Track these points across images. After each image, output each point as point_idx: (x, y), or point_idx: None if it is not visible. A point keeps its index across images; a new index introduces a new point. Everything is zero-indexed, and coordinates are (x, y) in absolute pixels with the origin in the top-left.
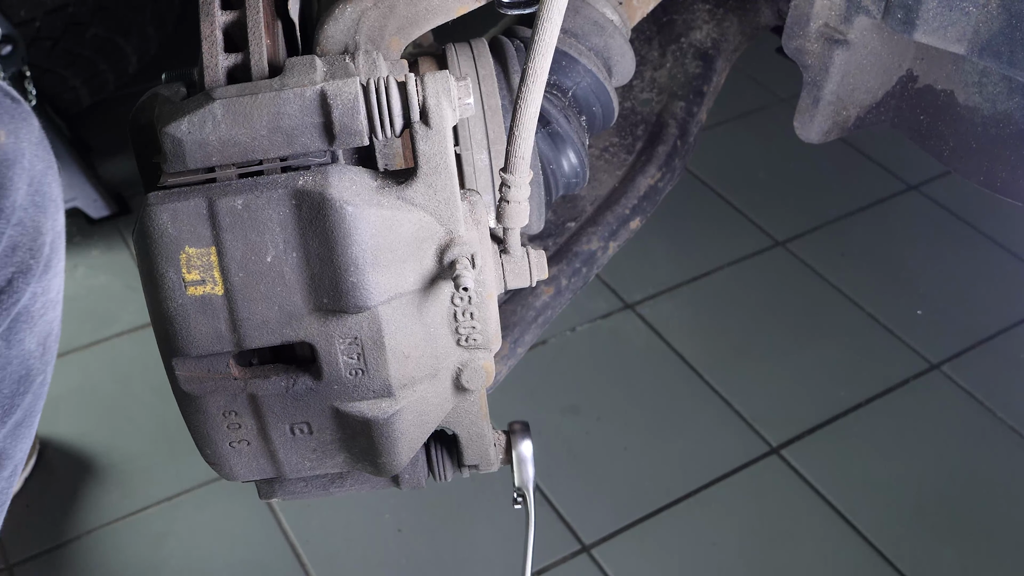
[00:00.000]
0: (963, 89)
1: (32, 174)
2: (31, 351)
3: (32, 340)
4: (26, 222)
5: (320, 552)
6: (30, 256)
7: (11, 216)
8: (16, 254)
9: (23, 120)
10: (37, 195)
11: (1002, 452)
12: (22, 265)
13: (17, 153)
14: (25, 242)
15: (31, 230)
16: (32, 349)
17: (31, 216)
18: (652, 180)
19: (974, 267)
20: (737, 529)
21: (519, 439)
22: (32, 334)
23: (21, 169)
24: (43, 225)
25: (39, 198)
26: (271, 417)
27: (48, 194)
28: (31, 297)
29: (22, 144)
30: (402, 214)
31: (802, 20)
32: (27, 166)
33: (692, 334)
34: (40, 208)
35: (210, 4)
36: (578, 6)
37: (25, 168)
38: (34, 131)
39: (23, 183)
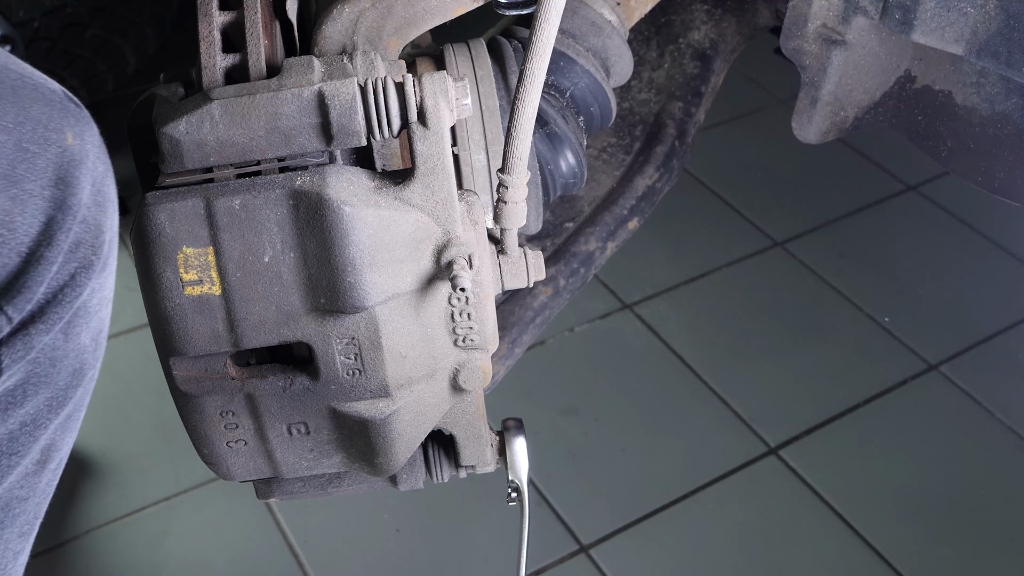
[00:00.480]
0: (961, 90)
1: (95, 175)
2: (86, 346)
3: (87, 335)
4: (89, 220)
5: (318, 552)
6: (92, 253)
7: (77, 213)
8: (79, 250)
9: (86, 124)
10: (99, 195)
11: (1000, 452)
12: (84, 261)
13: (83, 154)
14: (88, 239)
15: (93, 228)
16: (87, 344)
17: (94, 215)
18: (650, 180)
19: (972, 267)
20: (735, 529)
21: (513, 436)
22: (88, 329)
23: (86, 169)
24: (104, 224)
25: (100, 198)
26: (268, 417)
27: (108, 195)
28: (90, 293)
29: (87, 146)
30: (399, 214)
31: (800, 21)
32: (91, 167)
33: (690, 334)
34: (101, 207)
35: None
36: (576, 6)
37: (89, 169)
38: (96, 135)
39: (88, 183)
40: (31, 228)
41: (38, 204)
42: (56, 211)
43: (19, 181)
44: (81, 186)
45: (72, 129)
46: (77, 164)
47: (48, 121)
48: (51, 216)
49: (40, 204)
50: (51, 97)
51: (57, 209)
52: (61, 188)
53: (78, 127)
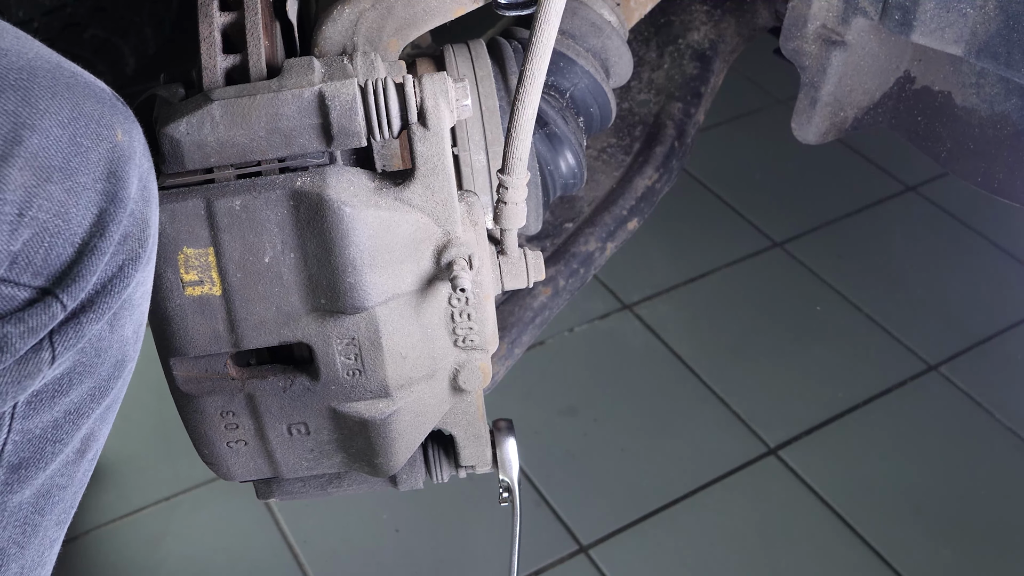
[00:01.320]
0: (960, 90)
1: (141, 170)
2: (128, 337)
3: (131, 327)
4: (137, 213)
5: (318, 552)
6: (139, 245)
7: (127, 206)
8: (128, 242)
9: (133, 122)
10: (145, 190)
11: (1000, 453)
12: (132, 253)
13: (131, 150)
14: (136, 232)
15: (140, 221)
16: (129, 336)
17: (140, 208)
18: (649, 181)
19: (972, 268)
20: (735, 530)
21: (503, 437)
22: (131, 321)
23: (134, 165)
24: (149, 218)
25: (146, 193)
26: (268, 417)
27: (152, 190)
28: (135, 285)
29: (134, 143)
30: (400, 215)
31: (799, 21)
32: (138, 163)
33: (690, 335)
34: (147, 202)
35: (208, 5)
36: (576, 7)
37: (136, 164)
38: (141, 133)
39: (135, 177)
40: (85, 219)
41: (91, 196)
42: (108, 203)
43: (73, 174)
44: (130, 180)
45: (121, 126)
46: (126, 159)
47: (100, 117)
48: (103, 208)
49: (93, 196)
50: (102, 95)
51: (109, 202)
52: (112, 182)
53: (126, 124)
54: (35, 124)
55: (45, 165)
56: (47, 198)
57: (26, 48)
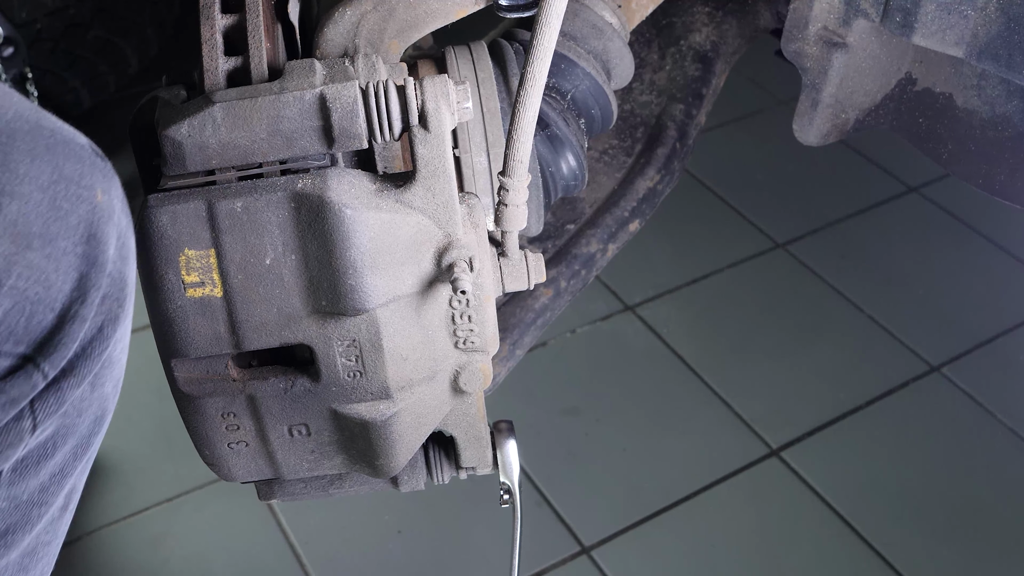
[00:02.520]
0: (962, 92)
1: (120, 228)
2: (108, 393)
3: (111, 383)
4: (115, 274)
5: (320, 553)
6: (117, 305)
7: (106, 267)
8: (106, 303)
9: (112, 178)
10: (123, 248)
11: (1002, 454)
12: (111, 314)
13: (110, 209)
14: (114, 292)
15: (119, 281)
16: (109, 392)
17: (119, 268)
18: (651, 182)
19: (974, 269)
20: (737, 531)
21: (504, 438)
22: (111, 377)
23: (113, 224)
24: (127, 276)
25: (124, 251)
26: (269, 418)
27: (130, 247)
28: (114, 343)
29: (113, 200)
30: (400, 217)
31: (801, 23)
32: (116, 221)
33: (692, 336)
34: (125, 260)
35: (210, 7)
36: (577, 9)
37: (115, 223)
38: (119, 188)
39: (114, 236)
40: (65, 285)
41: (71, 261)
42: (88, 267)
43: (54, 239)
44: (109, 241)
45: (101, 185)
46: (106, 219)
47: (80, 178)
48: (83, 272)
49: (73, 261)
50: (81, 153)
51: (89, 265)
52: (92, 244)
53: (105, 182)
54: (14, 190)
55: (25, 232)
56: (27, 266)
57: (5, 106)
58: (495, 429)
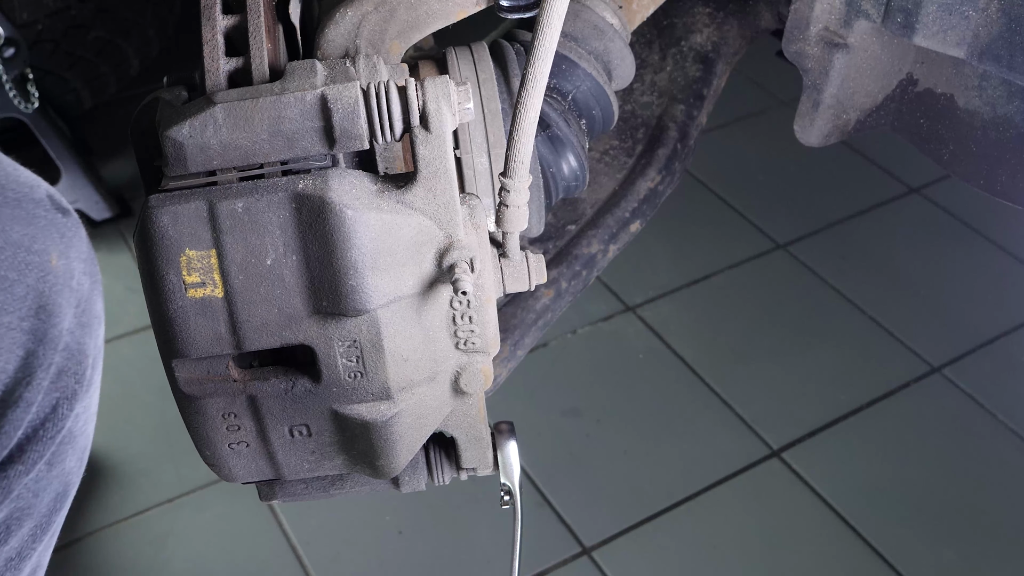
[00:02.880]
0: (963, 93)
1: (80, 294)
2: (71, 468)
3: (73, 459)
4: (72, 346)
5: (321, 553)
6: (75, 381)
7: (58, 342)
8: (61, 379)
9: (73, 235)
10: (84, 315)
11: (1003, 454)
12: (67, 391)
13: (67, 273)
14: (71, 367)
15: (76, 353)
16: (72, 467)
17: (77, 339)
18: (652, 183)
19: (975, 270)
20: (738, 532)
21: (504, 439)
22: (73, 452)
23: (69, 291)
24: (87, 345)
25: (85, 317)
26: (270, 419)
27: (93, 311)
28: (74, 419)
29: (72, 264)
30: (402, 218)
31: (802, 24)
32: (75, 286)
33: (693, 337)
34: (86, 327)
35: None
36: (578, 10)
37: (73, 289)
38: (83, 245)
39: (71, 306)
40: (7, 366)
41: (15, 338)
42: (36, 344)
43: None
44: (63, 312)
45: (57, 247)
46: (60, 287)
47: (30, 243)
48: (29, 351)
49: (18, 338)
50: (34, 212)
51: (37, 342)
52: (42, 318)
53: (63, 243)
54: None
55: None
56: None
57: None
58: (496, 430)
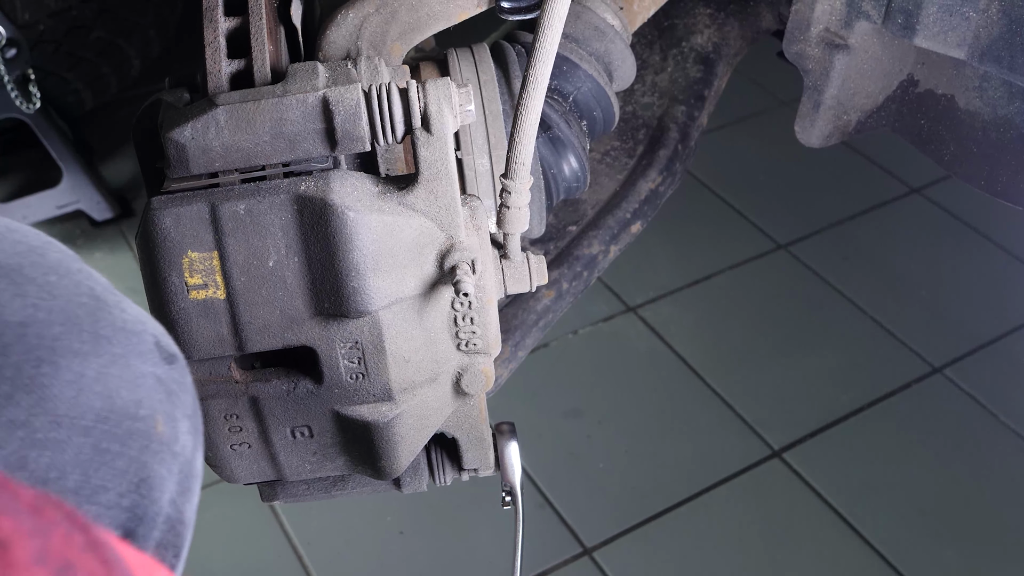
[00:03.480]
0: (964, 94)
1: (183, 458)
2: None
3: None
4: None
5: (322, 554)
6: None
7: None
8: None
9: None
10: (186, 479)
11: (1005, 455)
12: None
13: (172, 439)
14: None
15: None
16: None
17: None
18: (653, 184)
19: (977, 270)
20: (739, 532)
21: (505, 440)
22: None
23: (173, 457)
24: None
25: (187, 483)
26: (272, 420)
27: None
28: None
29: (178, 424)
30: (403, 219)
31: (803, 25)
32: (179, 450)
33: (694, 337)
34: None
35: (213, 10)
36: (579, 11)
37: (177, 454)
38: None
39: (174, 473)
40: None
41: (114, 517)
42: (135, 523)
43: (95, 493)
44: (166, 482)
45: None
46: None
47: (136, 409)
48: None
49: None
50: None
51: (136, 520)
52: (142, 492)
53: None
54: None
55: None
56: None
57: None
58: (497, 431)
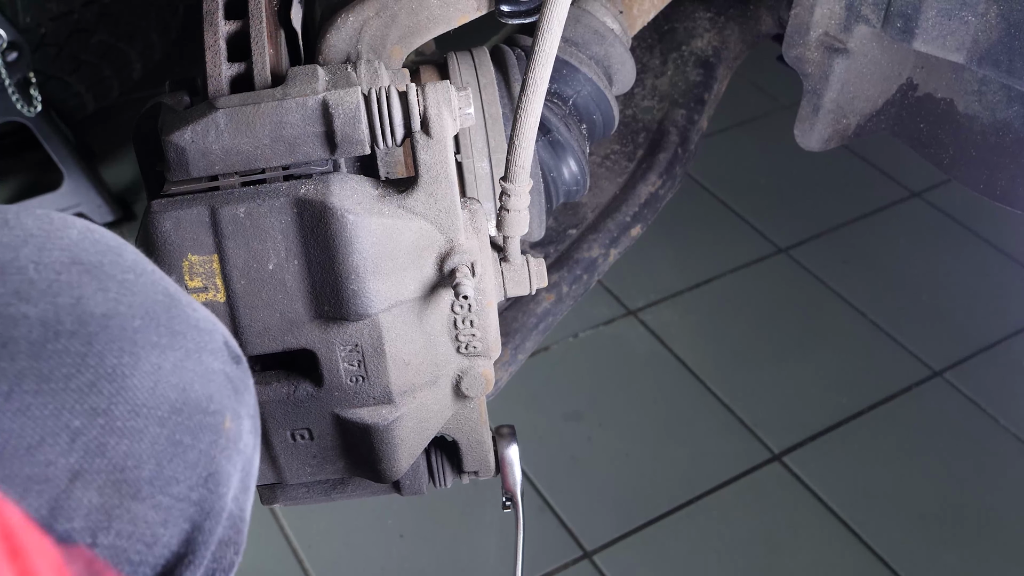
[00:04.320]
0: (963, 98)
1: (245, 455)
2: None
3: None
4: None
5: (322, 557)
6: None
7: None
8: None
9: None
10: (247, 477)
11: (1005, 458)
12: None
13: (237, 436)
14: (231, 536)
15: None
16: None
17: (239, 505)
18: (653, 187)
19: (977, 274)
20: (739, 536)
21: (506, 443)
22: None
23: (238, 454)
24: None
25: (248, 480)
26: (272, 423)
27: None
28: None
29: (242, 423)
30: (403, 223)
31: (802, 29)
32: (242, 448)
33: (694, 340)
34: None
35: (214, 14)
36: (579, 15)
37: (240, 451)
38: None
39: (237, 470)
40: (172, 540)
41: (183, 510)
42: (202, 517)
43: (166, 485)
44: (231, 477)
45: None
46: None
47: (207, 403)
48: (196, 524)
49: (185, 510)
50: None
51: (204, 515)
52: (210, 487)
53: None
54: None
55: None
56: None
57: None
58: (497, 434)
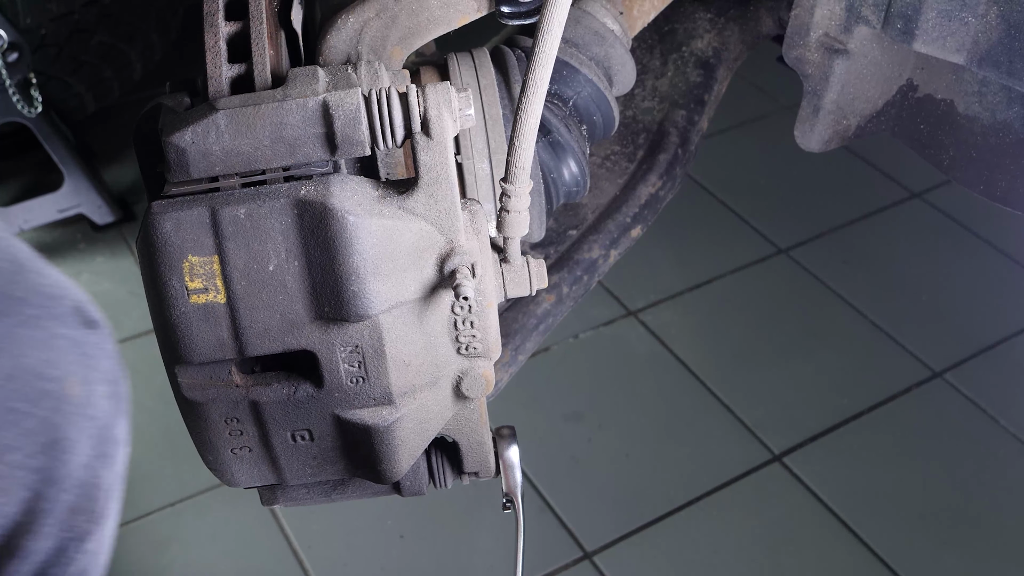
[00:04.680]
0: (963, 99)
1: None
2: None
3: None
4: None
5: (322, 558)
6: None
7: (69, 480)
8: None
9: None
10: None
11: (1005, 459)
12: (77, 531)
13: (85, 402)
14: (84, 504)
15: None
16: None
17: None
18: (653, 188)
19: (977, 275)
20: (739, 536)
21: (506, 444)
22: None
23: (87, 420)
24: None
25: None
26: (272, 424)
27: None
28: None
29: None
30: (403, 224)
31: (802, 30)
32: (94, 414)
33: (694, 341)
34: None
35: (214, 15)
36: (579, 16)
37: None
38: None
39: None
40: (10, 510)
41: (21, 478)
42: (43, 485)
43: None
44: (78, 445)
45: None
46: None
47: (46, 368)
48: (36, 492)
49: (23, 478)
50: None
51: (44, 482)
52: (52, 454)
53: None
54: None
55: None
56: None
57: None
58: (497, 435)
